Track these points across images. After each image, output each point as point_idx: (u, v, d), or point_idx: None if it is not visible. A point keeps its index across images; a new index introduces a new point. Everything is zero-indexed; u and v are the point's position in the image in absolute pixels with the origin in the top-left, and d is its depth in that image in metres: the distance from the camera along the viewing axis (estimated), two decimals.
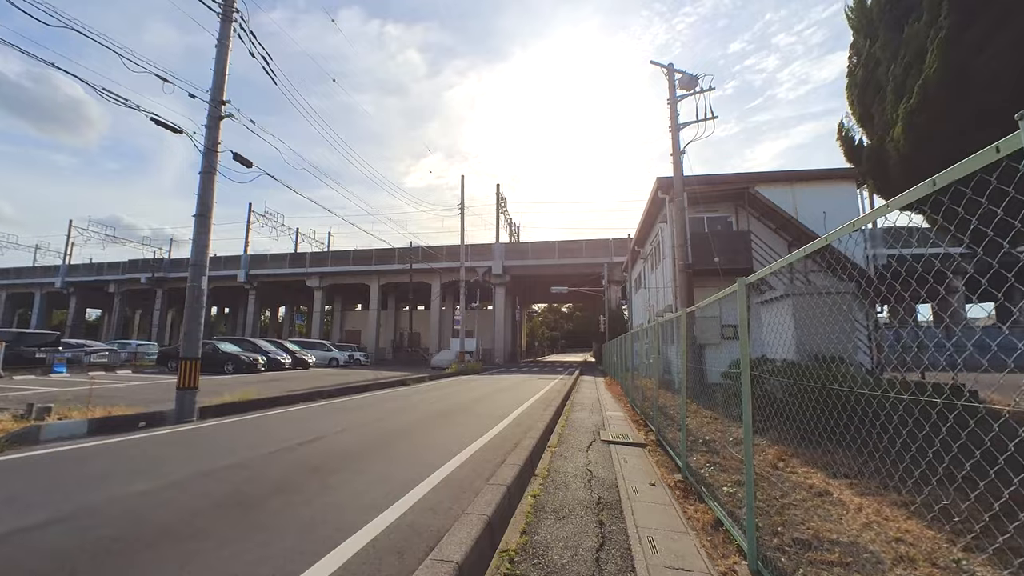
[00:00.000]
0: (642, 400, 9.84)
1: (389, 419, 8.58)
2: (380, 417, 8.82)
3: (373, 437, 6.78)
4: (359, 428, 7.55)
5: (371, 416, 8.93)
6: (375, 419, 8.55)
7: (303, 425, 7.85)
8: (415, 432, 7.25)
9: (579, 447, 6.29)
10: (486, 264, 41.18)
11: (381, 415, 9.11)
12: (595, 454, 5.93)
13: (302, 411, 9.63)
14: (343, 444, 6.27)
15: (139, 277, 47.33)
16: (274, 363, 21.69)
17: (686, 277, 12.17)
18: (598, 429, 7.74)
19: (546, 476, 4.81)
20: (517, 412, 9.73)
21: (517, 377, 21.93)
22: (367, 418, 8.70)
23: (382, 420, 8.45)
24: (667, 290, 15.57)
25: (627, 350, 16.13)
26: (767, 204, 13.15)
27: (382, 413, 9.39)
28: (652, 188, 15.21)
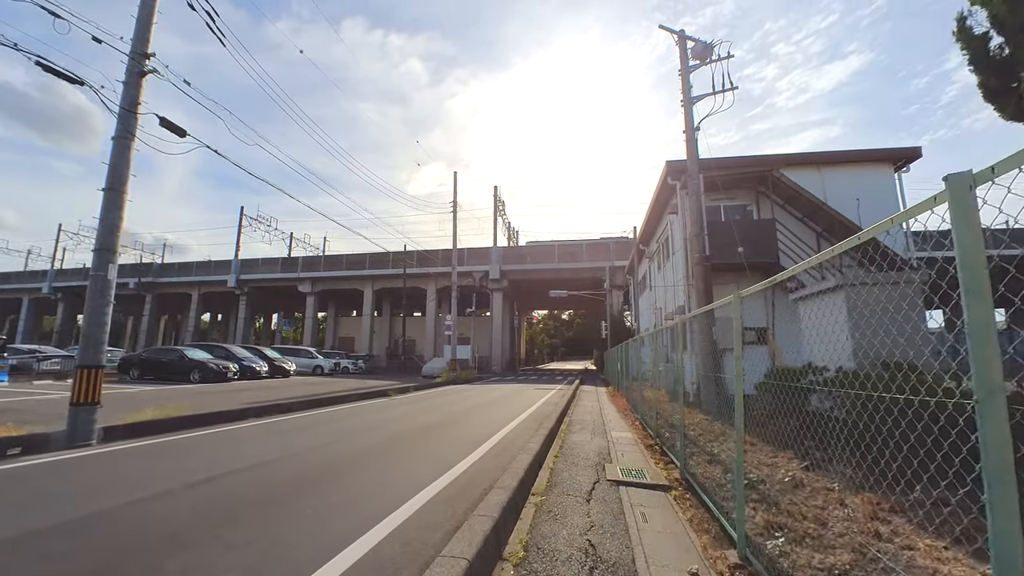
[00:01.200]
0: (655, 418, 7.98)
1: (342, 443, 6.71)
2: (333, 440, 6.96)
3: (299, 475, 4.92)
4: (296, 457, 5.70)
5: (322, 438, 7.07)
6: (325, 443, 6.70)
7: (230, 451, 6.01)
8: (360, 465, 5.39)
9: (577, 493, 4.43)
10: (483, 269, 39.40)
11: (336, 437, 7.24)
12: (599, 506, 4.06)
13: (242, 431, 7.77)
14: (259, 482, 4.43)
15: (127, 282, 45.58)
16: (249, 371, 19.83)
17: (703, 271, 10.34)
18: (602, 460, 5.87)
19: (521, 558, 2.95)
20: (501, 434, 7.86)
21: (511, 387, 20.02)
22: (317, 441, 6.85)
23: (333, 444, 6.59)
24: (678, 289, 13.72)
25: (631, 357, 14.26)
26: (794, 189, 11.35)
27: (338, 434, 7.52)
28: (660, 176, 13.43)
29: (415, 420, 9.36)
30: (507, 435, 7.70)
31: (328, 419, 9.37)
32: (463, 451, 6.19)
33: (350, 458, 5.72)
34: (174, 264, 47.02)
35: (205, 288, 46.05)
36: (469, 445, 6.65)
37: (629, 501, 4.28)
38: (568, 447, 6.62)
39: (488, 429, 8.24)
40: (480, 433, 7.79)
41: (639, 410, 10.08)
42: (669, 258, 14.87)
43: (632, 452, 6.52)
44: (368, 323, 42.76)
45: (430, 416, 9.95)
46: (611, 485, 4.77)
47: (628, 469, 5.43)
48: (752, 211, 12.46)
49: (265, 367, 20.67)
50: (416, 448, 6.42)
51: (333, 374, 26.39)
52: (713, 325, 10.37)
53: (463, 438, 7.36)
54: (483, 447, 6.56)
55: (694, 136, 10.89)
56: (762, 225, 11.40)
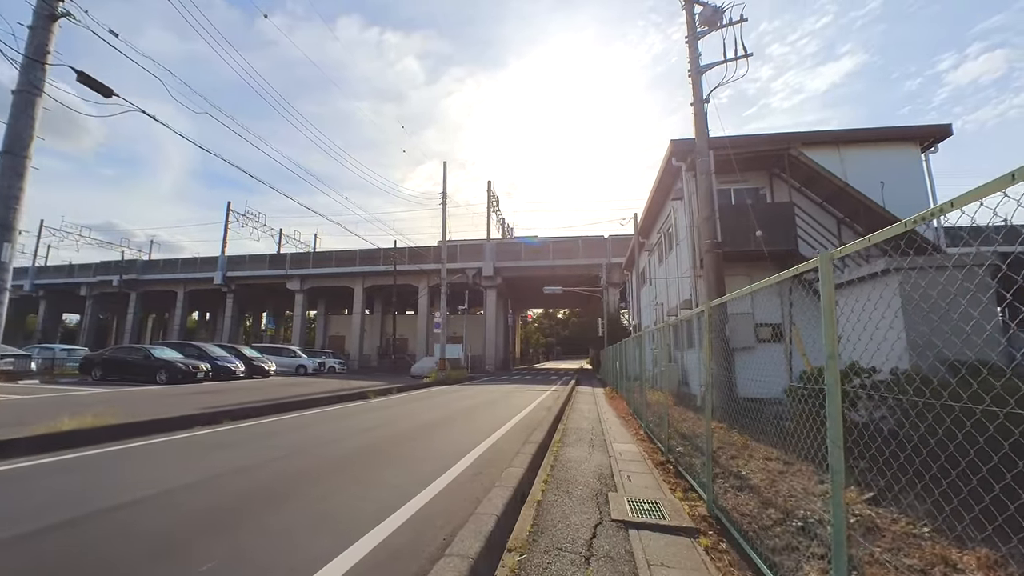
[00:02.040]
0: (663, 427, 6.72)
1: (279, 463, 5.42)
2: (271, 458, 5.66)
3: (192, 519, 3.63)
4: (208, 485, 4.41)
5: (260, 455, 5.77)
6: (259, 462, 5.40)
7: (127, 474, 4.71)
8: (280, 502, 4.10)
9: (571, 545, 3.15)
10: (476, 265, 38.11)
11: (278, 453, 5.94)
12: (604, 569, 2.79)
13: (171, 444, 6.47)
14: (122, 531, 3.13)
15: (111, 279, 43.97)
16: (223, 371, 18.47)
17: (715, 259, 9.10)
18: (604, 486, 4.60)
19: None
20: (482, 448, 6.59)
21: (504, 388, 18.74)
22: (251, 459, 5.56)
23: (267, 464, 5.30)
24: (682, 282, 12.49)
25: (630, 356, 13.03)
26: (813, 169, 10.12)
27: (283, 449, 6.22)
28: (663, 158, 12.18)
29: (385, 429, 8.07)
30: (489, 450, 6.43)
31: (284, 428, 8.07)
32: (428, 475, 4.91)
33: (272, 490, 4.41)
34: (158, 261, 45.49)
35: (191, 286, 44.52)
36: (440, 465, 5.37)
37: (645, 556, 3.02)
38: (561, 466, 5.36)
39: (468, 441, 6.96)
40: (457, 447, 6.51)
41: (642, 416, 8.84)
42: (672, 249, 13.62)
43: (641, 473, 5.25)
44: (358, 321, 41.39)
45: (403, 424, 8.66)
46: (618, 528, 3.51)
47: (639, 500, 4.16)
48: (766, 195, 11.23)
49: (241, 367, 19.30)
50: (369, 473, 5.13)
51: (318, 374, 25.04)
52: (726, 321, 9.14)
53: (436, 453, 6.09)
54: (456, 468, 5.29)
55: (703, 109, 9.66)
56: (779, 209, 10.17)
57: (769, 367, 10.31)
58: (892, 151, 11.01)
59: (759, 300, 10.62)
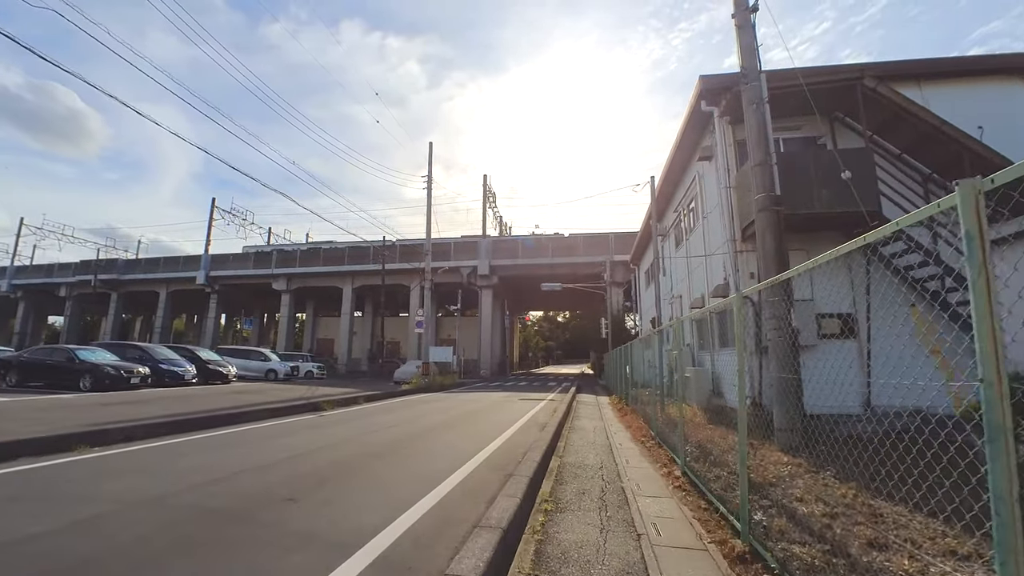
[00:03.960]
0: (710, 464, 3.97)
1: (62, 542, 2.66)
2: (65, 525, 2.90)
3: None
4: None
5: (60, 514, 3.02)
6: (34, 534, 2.64)
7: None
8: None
9: None
10: (471, 264, 35.43)
11: (92, 512, 3.18)
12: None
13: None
14: None
15: (90, 279, 41.32)
16: (168, 376, 15.75)
17: (772, 221, 6.38)
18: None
19: None
20: (412, 517, 3.79)
21: (494, 396, 15.97)
22: (52, 523, 2.80)
23: (48, 537, 2.55)
24: (713, 264, 9.74)
25: (638, 360, 10.27)
26: (896, 107, 7.41)
27: (111, 501, 3.46)
28: (687, 106, 9.47)
29: (287, 467, 5.29)
30: (438, 507, 3.66)
31: (152, 459, 5.33)
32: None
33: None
34: (140, 260, 42.92)
35: (174, 286, 41.91)
36: (341, 551, 2.62)
37: None
38: (550, 571, 2.59)
39: (411, 493, 4.19)
40: (388, 505, 3.74)
41: (669, 441, 6.09)
42: (696, 226, 10.88)
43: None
44: (347, 323, 38.65)
45: (319, 458, 5.89)
46: None
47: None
48: (825, 145, 8.50)
49: (192, 372, 16.56)
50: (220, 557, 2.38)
51: (291, 380, 22.27)
52: (790, 307, 6.41)
53: (312, 535, 3.32)
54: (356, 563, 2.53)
55: (749, 19, 6.96)
56: (852, 157, 7.41)
57: (838, 372, 7.56)
58: (989, 88, 8.30)
59: (820, 282, 7.88)
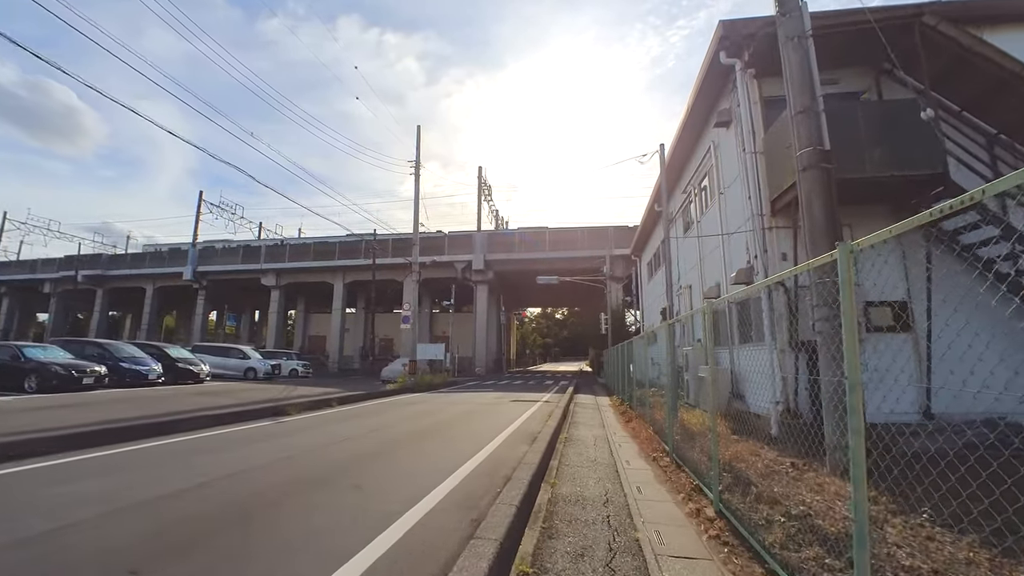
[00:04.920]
0: (755, 503, 2.58)
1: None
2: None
3: None
4: None
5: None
6: None
7: None
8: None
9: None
10: (465, 258, 34.01)
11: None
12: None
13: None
14: None
15: (74, 275, 39.81)
16: (130, 375, 14.36)
17: (821, 181, 5.02)
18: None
19: None
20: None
21: (484, 397, 14.61)
22: None
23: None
24: (730, 246, 8.36)
25: (649, 359, 8.92)
26: (960, 51, 6.05)
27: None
28: (703, 62, 8.07)
29: (196, 501, 3.92)
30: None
31: (27, 488, 3.95)
32: None
33: None
34: (125, 255, 41.43)
35: (160, 282, 40.43)
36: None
37: None
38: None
39: (335, 557, 2.82)
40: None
41: (688, 459, 4.73)
42: (711, 203, 9.49)
43: None
44: (338, 320, 37.21)
45: (244, 486, 4.51)
46: None
47: None
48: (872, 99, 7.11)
49: (157, 371, 15.16)
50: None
51: (272, 379, 20.88)
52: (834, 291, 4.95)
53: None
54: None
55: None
56: (907, 112, 6.04)
57: (887, 372, 6.21)
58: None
59: (865, 264, 6.51)
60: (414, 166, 18.02)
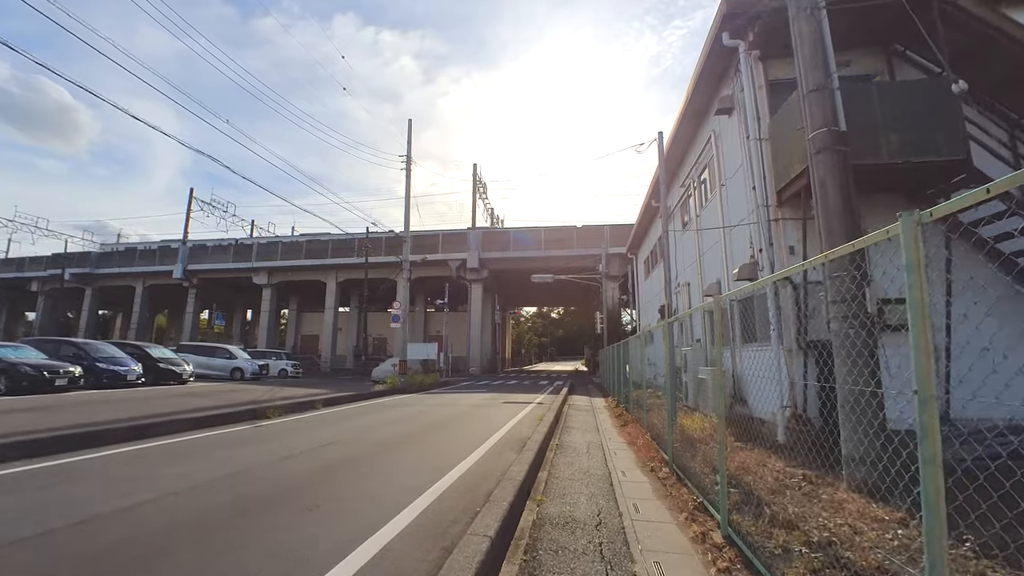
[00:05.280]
0: (770, 527, 2.08)
1: None
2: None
3: None
4: None
5: None
6: None
7: None
8: None
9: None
10: (460, 257, 33.50)
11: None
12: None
13: None
14: None
15: (62, 273, 38.97)
16: (107, 376, 13.77)
17: (836, 164, 4.56)
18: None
19: None
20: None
21: (474, 399, 14.12)
22: None
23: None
24: (732, 241, 7.88)
25: (645, 359, 8.45)
26: (992, 27, 5.59)
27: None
28: (704, 47, 7.60)
29: (110, 528, 3.39)
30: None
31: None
32: None
33: None
34: (114, 253, 40.57)
35: (150, 280, 39.67)
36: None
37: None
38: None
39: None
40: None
41: (689, 471, 4.24)
42: (712, 196, 9.01)
43: None
44: (331, 319, 36.60)
45: (185, 507, 3.99)
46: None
47: None
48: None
49: (137, 371, 14.58)
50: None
51: (260, 379, 20.31)
52: (867, 287, 4.63)
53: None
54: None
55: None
56: (926, 92, 5.58)
57: (899, 374, 5.69)
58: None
59: (876, 258, 6.05)
60: (405, 161, 17.48)
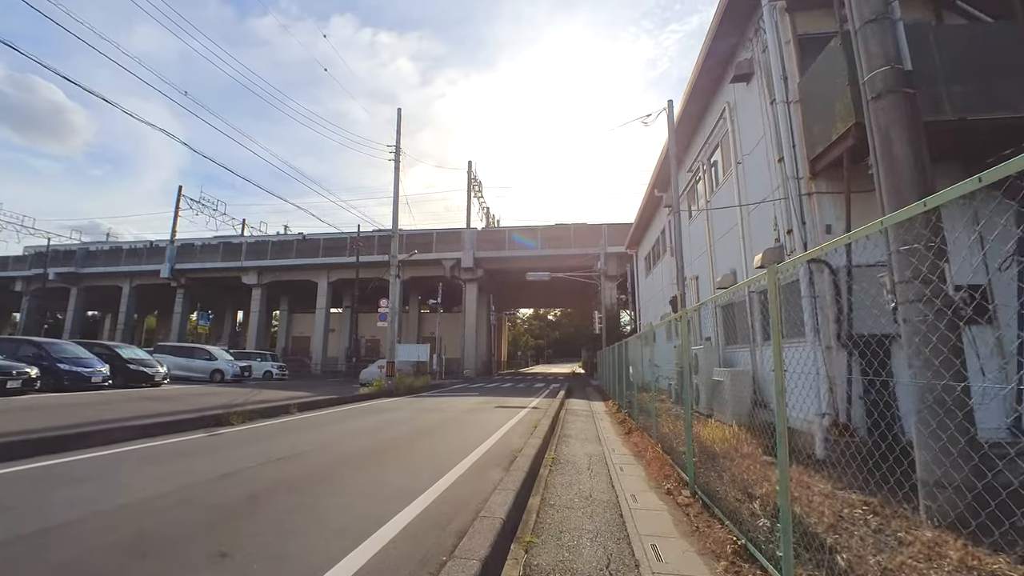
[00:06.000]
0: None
1: None
2: None
3: None
4: None
5: None
6: None
7: None
8: None
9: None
10: (454, 256, 32.51)
11: None
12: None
13: None
14: None
15: (46, 273, 37.73)
16: (70, 378, 12.70)
17: (901, 108, 3.57)
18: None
19: None
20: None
21: (465, 403, 13.12)
22: None
23: None
24: (752, 223, 6.93)
25: (649, 360, 7.46)
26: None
27: None
28: (719, 3, 6.67)
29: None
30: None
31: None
32: None
33: None
34: (100, 251, 39.33)
35: (138, 280, 38.48)
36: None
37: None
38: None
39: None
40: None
41: (720, 498, 3.26)
42: (727, 177, 8.05)
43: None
44: (323, 320, 35.52)
45: (114, 535, 2.99)
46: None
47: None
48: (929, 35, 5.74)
49: (103, 372, 13.51)
50: None
51: (241, 381, 19.23)
52: (946, 263, 3.66)
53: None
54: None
55: None
56: (994, 35, 4.65)
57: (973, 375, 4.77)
58: None
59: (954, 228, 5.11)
60: (394, 151, 16.51)
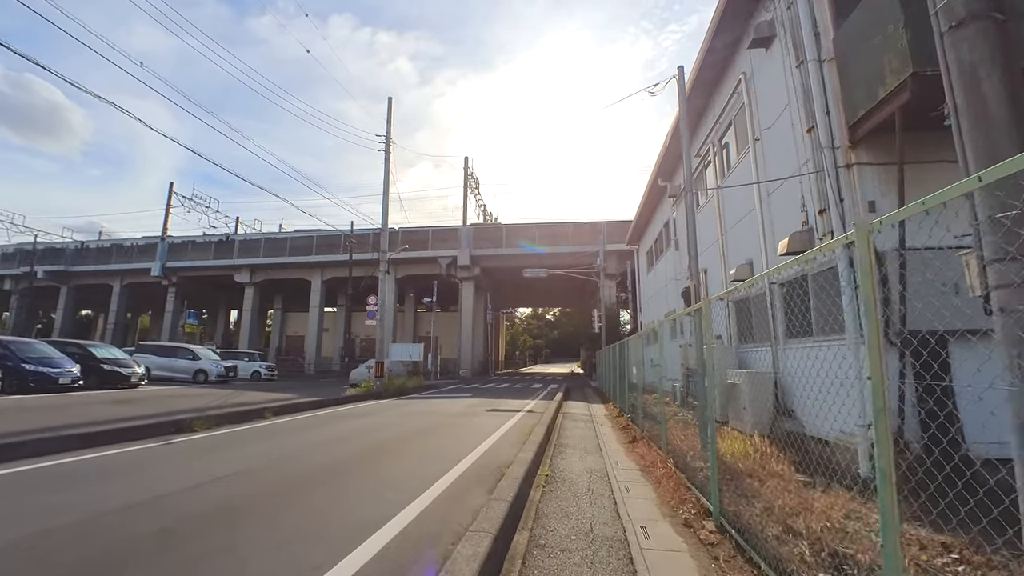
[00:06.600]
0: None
1: None
2: None
3: None
4: None
5: None
6: None
7: None
8: None
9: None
10: (450, 254, 31.71)
11: None
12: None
13: None
14: None
15: (35, 271, 36.80)
16: (35, 379, 11.86)
17: (991, 39, 2.75)
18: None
19: None
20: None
21: (456, 406, 12.31)
22: None
23: None
24: (774, 205, 6.13)
25: (650, 361, 6.69)
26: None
27: None
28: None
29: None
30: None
31: None
32: None
33: None
34: (90, 249, 38.40)
35: (128, 278, 37.59)
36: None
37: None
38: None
39: None
40: None
41: (774, 554, 2.47)
42: (743, 154, 7.25)
43: None
44: (316, 319, 34.66)
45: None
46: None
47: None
48: None
49: (73, 373, 12.66)
50: None
51: (227, 382, 18.39)
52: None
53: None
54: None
55: None
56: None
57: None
58: None
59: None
60: (384, 142, 15.69)
